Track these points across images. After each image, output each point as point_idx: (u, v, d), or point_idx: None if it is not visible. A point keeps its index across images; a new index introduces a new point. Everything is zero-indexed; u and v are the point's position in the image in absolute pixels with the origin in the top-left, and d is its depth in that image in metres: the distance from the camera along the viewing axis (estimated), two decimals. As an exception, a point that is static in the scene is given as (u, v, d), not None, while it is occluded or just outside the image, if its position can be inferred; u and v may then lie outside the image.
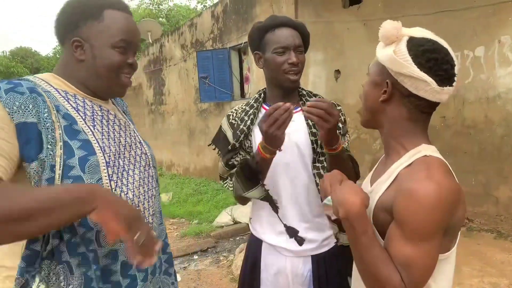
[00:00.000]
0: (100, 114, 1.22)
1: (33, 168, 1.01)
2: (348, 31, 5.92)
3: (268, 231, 1.70)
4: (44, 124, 1.04)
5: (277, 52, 1.62)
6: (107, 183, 1.12)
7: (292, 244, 1.67)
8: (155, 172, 1.36)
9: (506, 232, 4.46)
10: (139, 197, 1.23)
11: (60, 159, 1.04)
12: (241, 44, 7.82)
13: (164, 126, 10.76)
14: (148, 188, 1.28)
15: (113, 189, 1.13)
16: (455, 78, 1.09)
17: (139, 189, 1.24)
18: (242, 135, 1.67)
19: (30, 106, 1.03)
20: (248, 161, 1.58)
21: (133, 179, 1.22)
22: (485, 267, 3.84)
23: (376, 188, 1.15)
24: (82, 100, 1.20)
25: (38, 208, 0.89)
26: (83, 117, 1.16)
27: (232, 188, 1.69)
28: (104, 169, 1.12)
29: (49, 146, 1.03)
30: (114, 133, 1.22)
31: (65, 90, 1.18)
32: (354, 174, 1.63)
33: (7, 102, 1.01)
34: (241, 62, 8.37)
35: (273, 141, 1.43)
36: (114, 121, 1.25)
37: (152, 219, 1.28)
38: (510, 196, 4.58)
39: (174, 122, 10.32)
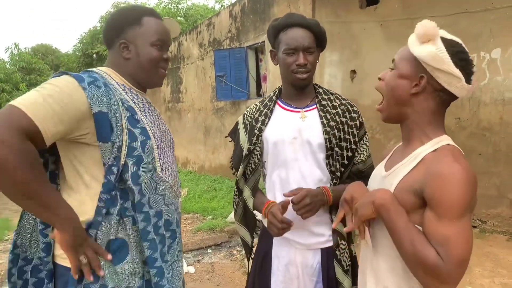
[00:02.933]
0: (147, 106, 1.49)
1: (107, 147, 1.28)
2: (365, 32, 5.94)
3: None
4: (113, 114, 1.30)
5: (287, 53, 1.72)
6: (158, 161, 1.41)
7: (302, 237, 1.74)
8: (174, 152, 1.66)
9: (519, 234, 4.46)
10: (172, 174, 1.50)
11: (126, 142, 1.31)
12: (258, 43, 7.90)
13: (181, 123, 10.90)
14: (175, 166, 1.57)
15: (161, 166, 1.43)
16: (473, 77, 1.20)
17: (172, 167, 1.52)
18: (254, 138, 1.79)
19: (105, 99, 1.29)
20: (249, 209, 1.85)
21: (169, 159, 1.50)
22: (497, 268, 3.85)
23: (396, 171, 1.23)
24: (135, 93, 1.46)
25: (35, 195, 1.18)
26: (139, 109, 1.42)
27: (234, 206, 1.96)
28: (156, 151, 1.41)
29: (118, 132, 1.29)
30: (155, 121, 1.49)
31: (123, 84, 1.44)
32: None
33: (90, 94, 1.26)
34: (258, 61, 8.45)
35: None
36: (154, 111, 1.53)
37: (179, 190, 1.58)
38: (524, 198, 4.57)
39: (190, 120, 10.45)
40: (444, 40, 1.18)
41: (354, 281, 1.71)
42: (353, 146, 1.75)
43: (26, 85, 18.39)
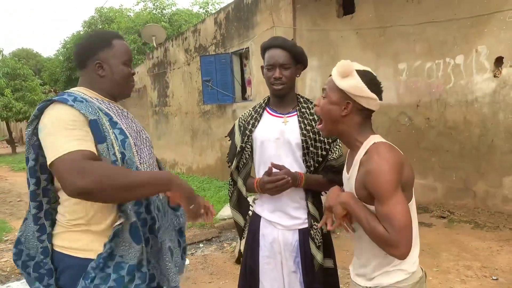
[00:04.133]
0: (120, 111, 1.73)
1: (104, 147, 1.52)
2: (342, 39, 6.38)
3: (266, 210, 2.16)
4: (99, 120, 1.55)
5: (267, 68, 2.12)
6: (136, 156, 1.64)
7: (283, 220, 2.12)
8: (152, 149, 1.88)
9: (482, 223, 4.91)
10: (149, 167, 1.74)
11: (115, 140, 1.56)
12: (243, 49, 8.28)
13: (168, 127, 11.20)
14: (152, 160, 1.80)
15: (139, 160, 1.65)
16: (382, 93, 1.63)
17: (148, 160, 1.75)
18: (246, 137, 2.18)
19: (90, 109, 1.55)
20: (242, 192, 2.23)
21: (145, 154, 1.73)
22: (461, 252, 4.29)
23: (351, 175, 1.63)
24: (108, 103, 1.71)
25: (138, 184, 1.44)
26: (114, 114, 1.67)
27: (229, 194, 2.33)
28: (134, 147, 1.64)
29: (106, 134, 1.54)
30: (130, 124, 1.73)
31: (96, 97, 1.69)
32: (329, 185, 1.93)
33: (79, 107, 1.52)
34: (242, 66, 8.83)
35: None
36: (128, 116, 1.77)
37: None
38: (486, 190, 5.02)
39: (177, 123, 10.76)
40: (358, 71, 1.57)
41: (326, 255, 2.11)
42: (327, 147, 2.12)
43: (11, 91, 18.41)
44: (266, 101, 2.25)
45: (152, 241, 1.70)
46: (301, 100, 2.21)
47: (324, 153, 2.11)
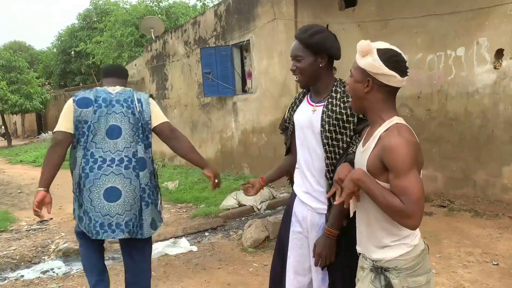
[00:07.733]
0: None
1: None
2: (344, 32, 6.45)
3: (299, 191, 2.26)
4: None
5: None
6: None
7: (312, 202, 2.19)
8: None
9: (482, 211, 5.03)
10: None
11: None
12: (243, 41, 8.33)
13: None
14: None
15: None
16: (408, 70, 1.67)
17: None
18: (287, 119, 2.31)
19: None
20: None
21: None
22: (462, 239, 4.41)
23: (367, 148, 1.71)
24: None
25: (195, 152, 3.01)
26: None
27: None
28: None
29: None
30: None
31: None
32: None
33: None
34: (243, 59, 8.88)
35: None
36: None
37: None
38: (486, 179, 5.15)
39: (177, 115, 10.79)
40: (379, 50, 1.64)
41: None
42: (348, 139, 2.07)
43: (7, 83, 18.31)
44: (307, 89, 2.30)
45: None
46: (333, 89, 2.14)
47: (344, 145, 2.06)
